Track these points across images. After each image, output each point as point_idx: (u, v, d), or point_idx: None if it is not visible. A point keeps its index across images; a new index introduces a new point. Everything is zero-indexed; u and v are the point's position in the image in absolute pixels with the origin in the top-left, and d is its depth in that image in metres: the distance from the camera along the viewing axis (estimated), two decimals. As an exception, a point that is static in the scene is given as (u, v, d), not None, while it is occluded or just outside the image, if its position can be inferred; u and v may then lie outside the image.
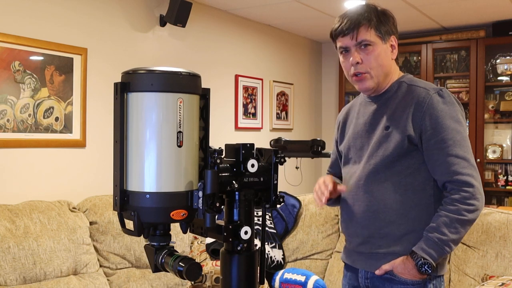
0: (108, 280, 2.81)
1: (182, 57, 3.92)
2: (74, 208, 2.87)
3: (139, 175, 1.11)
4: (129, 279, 2.85)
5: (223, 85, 4.34)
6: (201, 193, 1.14)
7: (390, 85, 1.78)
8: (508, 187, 4.77)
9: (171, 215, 1.12)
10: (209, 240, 3.02)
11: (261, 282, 1.29)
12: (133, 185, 1.12)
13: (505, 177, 4.79)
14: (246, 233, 1.22)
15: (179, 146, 1.11)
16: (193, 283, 2.80)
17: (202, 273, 1.28)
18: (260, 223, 3.00)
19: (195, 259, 1.26)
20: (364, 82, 1.74)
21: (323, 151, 2.31)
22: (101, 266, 2.83)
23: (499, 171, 4.84)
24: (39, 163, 2.98)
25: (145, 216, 1.12)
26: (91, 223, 2.85)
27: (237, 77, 4.47)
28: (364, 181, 1.75)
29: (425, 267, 1.62)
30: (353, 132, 1.84)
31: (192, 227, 1.28)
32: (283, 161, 1.32)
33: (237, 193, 1.23)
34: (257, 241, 2.71)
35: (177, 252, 1.17)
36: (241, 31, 4.54)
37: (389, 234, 1.71)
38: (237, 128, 4.49)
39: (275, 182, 1.29)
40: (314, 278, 3.00)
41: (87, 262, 2.72)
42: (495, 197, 4.87)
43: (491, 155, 4.81)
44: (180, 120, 1.11)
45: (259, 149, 1.31)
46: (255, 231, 1.27)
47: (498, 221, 2.68)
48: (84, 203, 2.94)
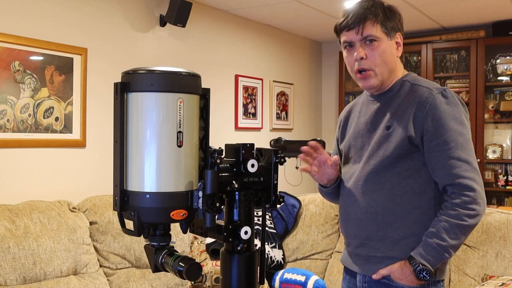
0: (108, 280, 2.81)
1: (182, 57, 3.92)
2: (74, 208, 2.87)
3: (139, 175, 1.11)
4: (129, 279, 2.85)
5: (223, 85, 4.34)
6: (201, 193, 1.14)
7: (393, 83, 1.73)
8: (508, 187, 4.77)
9: (171, 215, 1.12)
10: (209, 240, 3.02)
11: (261, 282, 1.29)
12: (133, 185, 1.12)
13: (505, 177, 4.79)
14: (246, 233, 1.22)
15: (179, 146, 1.11)
16: (193, 283, 2.80)
17: (202, 273, 1.28)
18: (260, 223, 3.00)
19: (195, 259, 1.26)
20: (368, 79, 1.70)
21: (323, 151, 2.30)
22: (101, 266, 2.83)
23: (499, 171, 4.84)
24: (39, 163, 2.98)
25: (145, 216, 1.12)
26: (91, 223, 2.85)
27: (237, 77, 4.47)
28: (362, 182, 1.71)
29: (423, 273, 1.58)
30: (354, 131, 1.80)
31: (192, 227, 1.28)
32: (283, 161, 1.32)
33: (237, 193, 1.23)
34: (257, 241, 2.71)
35: (177, 252, 1.17)
36: (241, 31, 4.54)
37: (387, 237, 1.67)
38: (237, 128, 4.49)
39: (275, 182, 1.29)
40: (314, 278, 3.01)
41: (87, 262, 2.72)
42: (495, 197, 4.87)
43: (491, 155, 4.81)
44: (180, 120, 1.11)
45: (259, 149, 1.31)
46: (255, 231, 1.27)
47: (498, 221, 2.68)
48: (84, 203, 2.94)
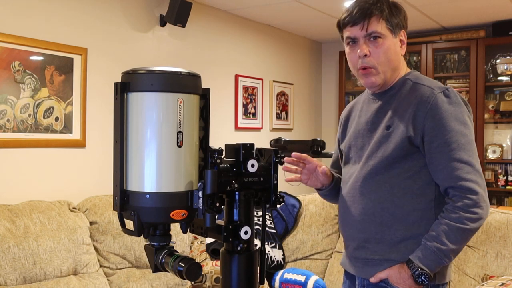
0: (108, 280, 2.81)
1: (182, 57, 3.92)
2: (74, 208, 2.87)
3: (139, 175, 1.11)
4: (129, 279, 2.85)
5: (223, 85, 4.34)
6: (201, 193, 1.14)
7: (395, 82, 1.69)
8: (508, 187, 4.77)
9: (171, 215, 1.12)
10: (209, 240, 3.02)
11: (261, 282, 1.29)
12: (133, 185, 1.12)
13: (505, 177, 4.79)
14: (246, 233, 1.22)
15: (179, 146, 1.11)
16: (193, 283, 2.80)
17: (202, 273, 1.28)
18: (260, 223, 3.00)
19: (195, 259, 1.26)
20: (370, 76, 1.65)
21: (323, 151, 2.30)
22: (101, 266, 2.83)
23: (499, 171, 4.84)
24: (39, 163, 2.98)
25: (145, 216, 1.12)
26: (91, 223, 2.85)
27: (237, 77, 4.46)
28: (360, 183, 1.67)
29: (422, 278, 1.54)
30: (355, 130, 1.77)
31: (192, 227, 1.28)
32: (283, 161, 1.32)
33: (237, 193, 1.23)
34: (257, 241, 2.71)
35: (177, 252, 1.17)
36: (241, 31, 4.54)
37: (385, 239, 1.63)
38: (237, 128, 4.49)
39: (275, 182, 1.29)
40: (314, 278, 3.01)
41: (87, 262, 2.72)
42: (495, 197, 4.87)
43: (491, 155, 4.81)
44: (180, 120, 1.11)
45: (259, 149, 1.31)
46: (255, 231, 1.27)
47: (498, 221, 2.68)
48: (84, 203, 2.94)
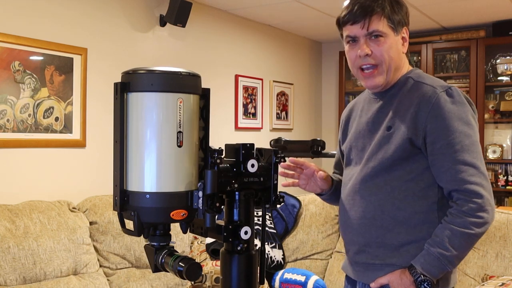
0: (108, 280, 2.81)
1: (182, 57, 3.92)
2: (74, 208, 2.87)
3: (139, 175, 1.11)
4: (129, 279, 2.85)
5: (223, 85, 4.34)
6: (201, 193, 1.14)
7: (397, 80, 1.63)
8: (508, 187, 4.77)
9: (171, 215, 1.12)
10: (209, 240, 3.02)
11: (261, 282, 1.29)
12: (133, 185, 1.12)
13: (505, 177, 4.79)
14: (246, 233, 1.22)
15: (179, 146, 1.11)
16: (193, 283, 2.79)
17: (202, 273, 1.28)
18: (260, 223, 3.00)
19: (195, 259, 1.26)
20: (372, 78, 1.60)
21: (323, 151, 2.30)
22: (101, 266, 2.83)
23: (499, 171, 4.84)
24: (39, 163, 2.98)
25: (145, 216, 1.12)
26: (91, 223, 2.85)
27: (237, 77, 4.46)
28: (360, 185, 1.62)
29: (424, 285, 1.49)
30: (355, 131, 1.71)
31: (192, 227, 1.28)
32: (283, 161, 1.32)
33: (237, 193, 1.23)
34: (257, 241, 2.71)
35: (177, 252, 1.17)
36: (241, 31, 4.54)
37: (386, 243, 1.57)
38: (237, 128, 4.49)
39: (275, 182, 1.29)
40: (314, 278, 3.01)
41: (87, 262, 2.72)
42: (495, 197, 4.86)
43: (491, 155, 4.81)
44: (180, 120, 1.11)
45: (259, 149, 1.31)
46: (255, 231, 1.27)
47: (498, 221, 2.68)
48: (84, 203, 2.94)
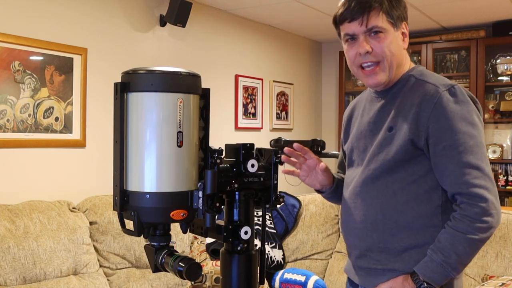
0: (108, 280, 2.81)
1: (182, 57, 3.92)
2: (74, 208, 2.87)
3: (139, 175, 1.11)
4: (129, 279, 2.85)
5: (223, 85, 4.34)
6: (201, 193, 1.14)
7: (399, 78, 1.58)
8: (508, 187, 4.76)
9: (171, 215, 1.12)
10: (209, 240, 3.02)
11: (261, 282, 1.29)
12: (133, 185, 1.12)
13: (505, 177, 4.78)
14: (246, 233, 1.22)
15: (179, 146, 1.11)
16: (193, 283, 2.79)
17: (202, 273, 1.28)
18: (260, 223, 3.00)
19: (195, 259, 1.26)
20: (374, 76, 1.54)
21: (323, 151, 2.30)
22: (101, 266, 2.83)
23: (499, 171, 4.84)
24: (39, 163, 2.98)
25: (145, 216, 1.12)
26: (91, 223, 2.85)
27: (237, 77, 4.46)
28: (360, 188, 1.58)
29: None
30: (357, 131, 1.66)
31: (192, 227, 1.28)
32: (283, 161, 1.32)
33: (237, 193, 1.23)
34: (257, 241, 2.71)
35: (177, 252, 1.17)
36: (241, 31, 4.54)
37: (388, 248, 1.52)
38: (237, 128, 4.49)
39: (275, 182, 1.29)
40: (314, 278, 3.01)
41: (87, 262, 2.72)
42: (495, 197, 4.87)
43: (491, 155, 4.81)
44: (180, 120, 1.11)
45: (259, 149, 1.31)
46: (255, 231, 1.27)
47: (498, 221, 2.67)
48: (84, 203, 2.94)
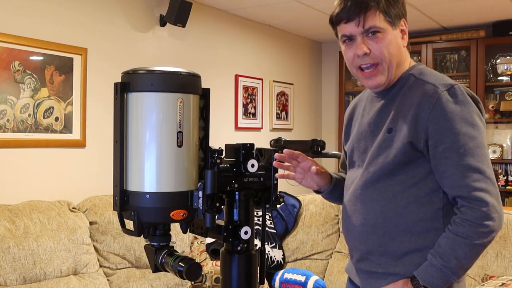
0: (108, 280, 2.81)
1: (182, 57, 3.92)
2: (74, 208, 2.87)
3: (139, 175, 1.11)
4: (129, 279, 2.85)
5: (223, 85, 4.34)
6: (201, 193, 1.14)
7: (399, 77, 1.54)
8: (508, 187, 4.76)
9: (171, 215, 1.12)
10: (209, 240, 3.02)
11: (261, 282, 1.29)
12: (133, 185, 1.12)
13: (505, 177, 4.78)
14: (246, 233, 1.22)
15: (179, 146, 1.11)
16: (193, 283, 2.79)
17: (202, 273, 1.28)
18: (260, 223, 3.00)
19: (195, 259, 1.26)
20: (373, 78, 1.51)
21: (323, 151, 2.30)
22: (101, 266, 2.83)
23: (499, 171, 4.84)
24: (39, 163, 2.98)
25: (145, 216, 1.12)
26: (91, 223, 2.85)
27: (237, 77, 4.46)
28: (361, 191, 1.55)
29: None
30: (358, 132, 1.64)
31: (192, 227, 1.28)
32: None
33: (237, 193, 1.23)
34: (257, 241, 2.71)
35: (177, 252, 1.17)
36: (241, 31, 4.54)
37: (388, 251, 1.51)
38: (237, 128, 4.49)
39: (275, 182, 1.29)
40: (314, 278, 3.01)
41: (87, 262, 2.72)
42: (495, 197, 4.87)
43: (491, 155, 4.81)
44: (180, 120, 1.11)
45: (259, 149, 1.31)
46: (255, 231, 1.27)
47: (498, 221, 2.67)
48: (84, 203, 2.94)
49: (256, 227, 2.43)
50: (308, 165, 1.64)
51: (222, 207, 1.18)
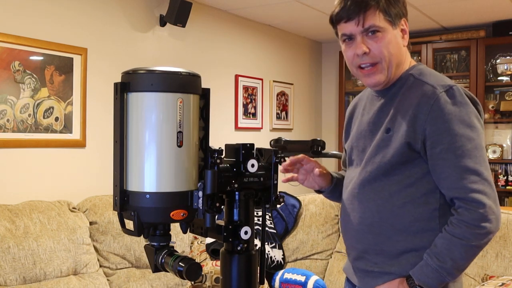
0: (108, 280, 2.81)
1: (182, 57, 3.92)
2: (74, 208, 2.87)
3: (139, 175, 1.11)
4: (129, 279, 2.85)
5: (223, 85, 4.34)
6: (201, 193, 1.14)
7: (399, 77, 1.54)
8: (508, 187, 4.76)
9: (171, 215, 1.11)
10: (209, 240, 3.02)
11: (261, 282, 1.29)
12: (133, 185, 1.12)
13: (505, 177, 4.78)
14: (246, 233, 1.22)
15: (179, 146, 1.11)
16: (193, 283, 2.79)
17: (202, 273, 1.28)
18: (260, 223, 3.00)
19: (195, 259, 1.26)
20: (373, 76, 1.51)
21: (323, 151, 2.30)
22: (101, 266, 2.83)
23: (499, 171, 4.84)
24: (39, 163, 2.98)
25: (145, 216, 1.12)
26: (91, 223, 2.85)
27: (237, 77, 4.46)
28: (358, 190, 1.56)
29: None
30: (357, 131, 1.64)
31: (192, 227, 1.28)
32: (283, 161, 1.31)
33: (237, 193, 1.23)
34: (257, 241, 2.71)
35: (177, 252, 1.17)
36: (241, 31, 4.54)
37: (384, 251, 1.51)
38: (237, 128, 4.49)
39: (275, 182, 1.29)
40: (314, 278, 3.01)
41: (87, 262, 2.72)
42: (495, 197, 4.86)
43: (491, 155, 4.81)
44: (180, 120, 1.11)
45: (259, 149, 1.31)
46: (255, 231, 1.27)
47: (498, 221, 2.67)
48: (84, 203, 2.94)
49: (256, 227, 2.43)
50: (311, 167, 1.66)
51: (222, 207, 1.18)
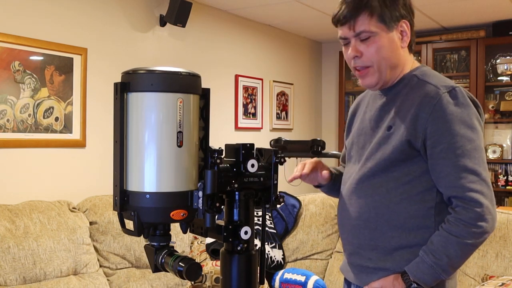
0: (108, 280, 2.81)
1: (182, 57, 3.92)
2: (74, 208, 2.87)
3: (139, 175, 1.11)
4: (129, 279, 2.85)
5: (223, 85, 4.34)
6: (201, 193, 1.14)
7: (401, 77, 1.57)
8: (508, 187, 4.77)
9: (171, 215, 1.11)
10: (209, 240, 3.02)
11: (261, 282, 1.29)
12: (133, 185, 1.12)
13: (505, 177, 4.79)
14: (246, 233, 1.22)
15: (179, 146, 1.11)
16: (193, 283, 2.79)
17: (202, 273, 1.28)
18: (260, 223, 3.00)
19: (195, 259, 1.26)
20: (365, 78, 1.55)
21: (323, 151, 2.30)
22: (101, 266, 2.83)
23: (499, 171, 4.84)
24: (39, 163, 2.98)
25: (145, 216, 1.12)
26: (91, 223, 2.85)
27: (237, 77, 4.46)
28: (356, 185, 1.58)
29: None
30: (359, 128, 1.67)
31: (192, 227, 1.28)
32: (283, 161, 1.31)
33: (237, 193, 1.23)
34: (257, 241, 2.71)
35: (177, 252, 1.17)
36: (241, 31, 4.54)
37: (379, 246, 1.53)
38: (237, 128, 4.49)
39: (275, 182, 1.29)
40: (314, 278, 3.01)
41: (87, 262, 2.72)
42: (495, 197, 4.87)
43: (491, 155, 4.81)
44: (180, 120, 1.11)
45: (259, 149, 1.31)
46: (255, 231, 1.27)
47: (498, 221, 2.64)
48: (84, 203, 2.94)
49: (256, 227, 2.43)
50: (317, 167, 1.72)
51: (222, 207, 1.18)
